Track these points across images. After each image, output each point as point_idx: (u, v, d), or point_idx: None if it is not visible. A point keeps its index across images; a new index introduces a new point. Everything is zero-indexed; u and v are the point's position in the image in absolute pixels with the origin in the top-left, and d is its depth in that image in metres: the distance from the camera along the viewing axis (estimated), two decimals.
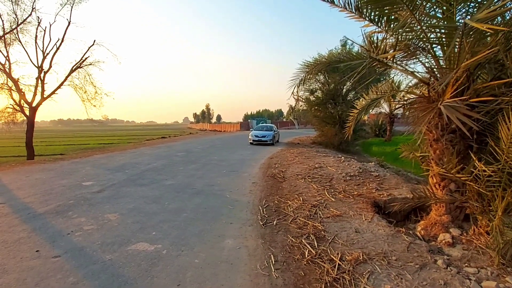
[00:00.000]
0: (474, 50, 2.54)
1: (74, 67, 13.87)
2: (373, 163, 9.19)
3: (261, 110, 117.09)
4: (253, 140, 16.52)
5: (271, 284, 2.47)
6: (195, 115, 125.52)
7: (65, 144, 29.40)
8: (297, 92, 6.47)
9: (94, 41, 14.21)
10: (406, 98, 4.15)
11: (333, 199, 5.08)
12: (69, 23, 13.49)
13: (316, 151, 12.97)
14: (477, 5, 3.12)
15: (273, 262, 2.84)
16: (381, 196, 5.36)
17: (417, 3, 2.69)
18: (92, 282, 2.44)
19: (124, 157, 10.72)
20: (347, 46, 21.92)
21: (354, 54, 4.33)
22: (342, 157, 10.38)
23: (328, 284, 2.46)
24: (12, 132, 14.72)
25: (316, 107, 18.76)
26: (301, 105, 20.60)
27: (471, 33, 2.34)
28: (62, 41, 13.52)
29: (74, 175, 7.09)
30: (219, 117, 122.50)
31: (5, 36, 12.11)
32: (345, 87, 18.37)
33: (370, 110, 5.35)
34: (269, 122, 55.28)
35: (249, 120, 60.56)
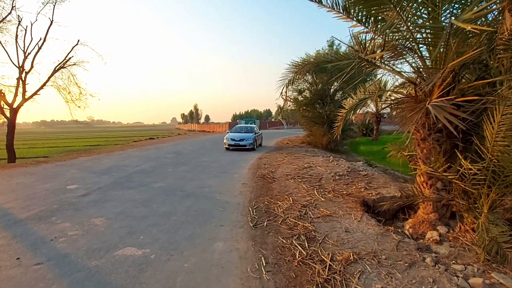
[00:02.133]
0: (459, 50, 2.59)
1: (57, 67, 13.42)
2: (361, 162, 9.32)
3: (249, 110, 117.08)
4: (229, 145, 13.87)
5: (262, 287, 2.44)
6: (183, 116, 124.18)
7: (49, 147, 28.41)
8: (285, 92, 6.46)
9: (78, 41, 13.80)
10: (393, 98, 4.20)
11: (322, 199, 5.10)
12: (51, 22, 13.04)
13: (305, 151, 13.06)
14: (461, 6, 3.20)
15: (264, 265, 2.81)
16: (370, 195, 5.44)
17: (404, 3, 2.72)
18: None
19: (111, 159, 10.45)
20: (334, 46, 22.19)
21: (342, 54, 4.37)
22: (331, 157, 10.48)
23: (320, 286, 2.45)
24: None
25: (305, 107, 18.91)
26: (289, 105, 20.71)
27: (457, 33, 2.38)
28: (44, 40, 13.05)
29: (58, 179, 6.85)
30: (207, 118, 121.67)
31: None
32: (332, 87, 18.60)
33: (358, 110, 5.40)
34: (258, 122, 55.37)
35: (237, 120, 60.41)
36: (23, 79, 12.97)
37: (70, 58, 13.65)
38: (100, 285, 2.43)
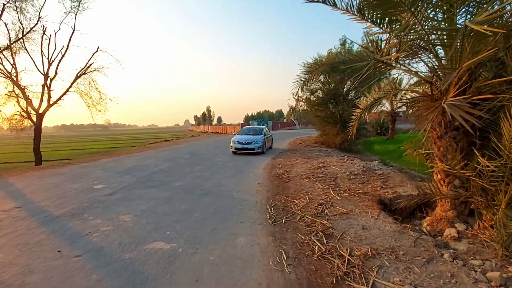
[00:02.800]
0: (475, 50, 2.65)
1: (79, 73, 14.08)
2: (376, 161, 9.28)
3: (261, 111, 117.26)
4: (236, 149, 12.52)
5: (284, 279, 2.59)
6: (195, 118, 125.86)
7: (70, 149, 29.68)
8: (298, 93, 6.52)
9: (98, 48, 14.44)
10: (409, 97, 4.25)
11: (338, 198, 5.18)
12: (73, 30, 13.72)
13: (318, 151, 13.08)
14: (476, 4, 3.23)
15: (285, 258, 2.96)
16: (386, 193, 5.46)
17: (419, 4, 2.80)
18: (115, 280, 2.57)
19: (131, 161, 10.89)
20: (346, 45, 21.96)
21: (355, 54, 4.45)
22: (345, 156, 10.47)
23: (339, 278, 2.57)
24: (18, 138, 14.88)
25: (317, 107, 18.86)
26: (301, 105, 20.70)
27: (471, 34, 2.45)
28: (67, 48, 13.75)
29: (85, 179, 7.25)
30: (219, 119, 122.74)
31: (11, 45, 12.27)
32: (345, 86, 18.47)
33: (373, 109, 5.45)
34: (270, 123, 55.46)
35: (250, 122, 60.76)
36: (48, 85, 13.71)
37: (91, 65, 14.30)
38: (134, 275, 2.65)
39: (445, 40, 2.86)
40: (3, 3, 11.06)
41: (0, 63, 12.71)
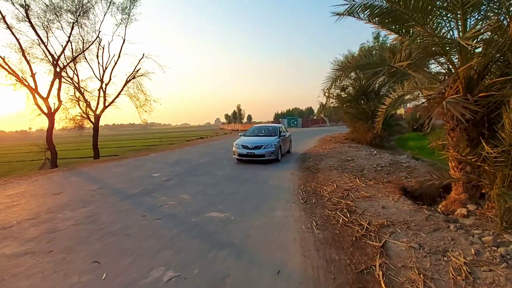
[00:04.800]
0: (469, 57, 3.18)
1: (129, 78, 15.93)
2: (405, 155, 9.55)
3: (291, 109, 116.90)
4: (239, 155, 9.28)
5: (314, 237, 3.39)
6: (226, 116, 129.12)
7: (116, 147, 32.80)
8: (328, 90, 6.92)
9: (143, 55, 16.19)
10: (427, 94, 4.75)
11: (363, 185, 5.80)
12: (123, 40, 15.55)
13: (348, 147, 13.46)
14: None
15: (315, 225, 3.75)
16: (410, 183, 5.95)
17: (427, 21, 3.39)
18: (190, 232, 3.57)
19: (175, 155, 12.28)
20: (380, 38, 21.64)
21: (376, 59, 5.01)
22: (375, 151, 10.82)
23: (358, 238, 3.31)
24: (70, 137, 17.15)
25: (348, 104, 19.02)
26: (332, 102, 20.92)
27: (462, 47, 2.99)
28: (119, 56, 15.66)
29: (143, 169, 8.61)
30: (249, 117, 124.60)
31: (77, 57, 14.31)
32: (377, 82, 18.39)
33: (400, 106, 5.92)
34: (300, 121, 55.53)
35: (279, 119, 61.26)
36: (104, 89, 15.71)
37: (138, 70, 16.07)
38: (202, 231, 3.63)
39: (447, 49, 3.39)
40: (73, 22, 12.98)
41: (65, 72, 14.87)
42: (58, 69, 13.12)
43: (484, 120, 3.83)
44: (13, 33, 11.80)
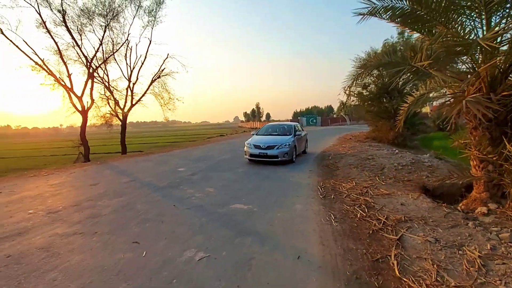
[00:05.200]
0: (492, 56, 3.22)
1: (154, 77, 16.68)
2: (428, 155, 9.39)
3: (310, 107, 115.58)
4: (251, 155, 8.84)
5: (332, 229, 3.59)
6: (245, 114, 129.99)
7: (140, 143, 34.27)
8: (349, 88, 6.88)
9: (168, 55, 16.86)
10: (450, 92, 4.76)
11: (383, 183, 5.87)
12: (150, 42, 16.29)
13: (368, 145, 13.33)
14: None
15: (333, 218, 3.95)
16: (431, 182, 5.94)
17: (449, 20, 3.46)
18: (218, 221, 3.90)
19: (198, 152, 12.79)
20: (405, 34, 20.94)
21: (398, 57, 5.06)
22: (396, 150, 10.69)
23: (375, 231, 3.47)
24: (98, 133, 18.20)
25: (370, 102, 18.69)
26: (353, 100, 20.62)
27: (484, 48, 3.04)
28: (145, 57, 16.41)
29: (168, 164, 9.13)
30: (268, 116, 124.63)
31: (108, 58, 15.21)
32: (401, 79, 17.92)
33: (426, 104, 5.88)
34: (319, 119, 54.90)
35: (298, 118, 60.91)
36: (131, 89, 16.56)
37: (163, 70, 16.79)
38: (229, 220, 3.95)
39: (468, 49, 3.43)
40: (105, 25, 13.83)
41: (97, 72, 15.84)
42: (91, 70, 14.02)
43: (507, 119, 3.83)
44: (52, 37, 12.81)
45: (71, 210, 4.62)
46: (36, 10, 12.22)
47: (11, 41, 11.70)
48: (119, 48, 15.26)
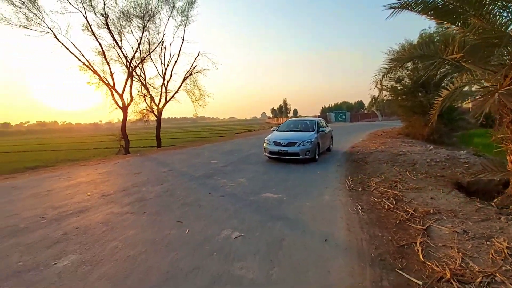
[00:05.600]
0: None
1: (187, 75, 17.50)
2: (465, 151, 8.97)
3: (339, 103, 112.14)
4: (270, 152, 8.34)
5: (360, 218, 3.76)
6: (272, 110, 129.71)
7: (171, 138, 35.95)
8: (381, 82, 6.72)
9: (199, 53, 17.56)
10: (487, 86, 4.62)
11: (413, 178, 5.83)
12: (182, 40, 17.09)
13: (401, 142, 12.93)
14: None
15: (360, 209, 4.10)
16: (465, 178, 5.77)
17: (483, 11, 3.42)
18: (250, 207, 4.25)
19: (228, 146, 13.33)
20: (444, 23, 19.57)
21: (431, 49, 4.98)
22: (431, 147, 10.30)
23: (402, 221, 3.58)
24: (133, 128, 19.38)
25: (403, 96, 17.93)
26: (385, 95, 19.87)
27: None
28: (179, 55, 17.27)
29: (201, 157, 9.70)
30: (295, 111, 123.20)
31: (146, 57, 16.25)
32: (438, 72, 16.94)
33: (467, 98, 5.67)
34: (348, 115, 53.37)
35: (326, 114, 59.63)
36: (165, 86, 17.54)
37: (195, 67, 17.54)
38: (260, 207, 4.27)
39: (503, 41, 3.34)
40: (143, 26, 14.81)
41: (135, 70, 16.97)
42: (130, 69, 15.11)
43: None
44: (97, 39, 14.02)
45: (120, 194, 5.24)
46: (83, 15, 13.44)
47: (62, 44, 13.04)
48: (155, 48, 16.24)
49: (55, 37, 12.78)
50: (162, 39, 16.22)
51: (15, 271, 2.63)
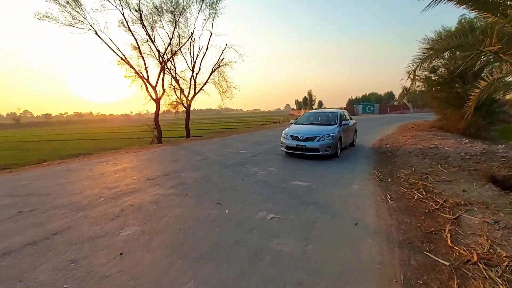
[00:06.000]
0: None
1: (215, 67, 17.98)
2: (503, 145, 8.56)
3: (367, 94, 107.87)
4: (287, 147, 7.86)
5: (388, 206, 3.93)
6: (296, 102, 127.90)
7: (197, 129, 37.10)
8: (414, 72, 6.48)
9: (226, 45, 17.90)
10: None
11: (445, 171, 5.78)
12: (211, 34, 17.50)
13: (433, 135, 12.50)
14: None
15: (389, 198, 4.26)
16: (501, 172, 5.63)
17: None
18: (282, 193, 4.57)
19: (255, 137, 13.72)
20: None
21: (470, 39, 4.88)
22: (466, 140, 9.92)
23: (431, 210, 3.71)
24: (162, 120, 20.18)
25: (438, 87, 17.06)
26: (418, 86, 19.00)
27: None
28: (207, 48, 17.74)
29: (230, 147, 10.16)
30: (320, 103, 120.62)
31: (177, 51, 16.92)
32: (478, 62, 15.87)
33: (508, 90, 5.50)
34: (377, 107, 51.42)
35: (353, 105, 57.83)
36: (194, 78, 18.18)
37: (222, 59, 17.96)
38: (291, 193, 4.58)
39: None
40: (175, 21, 15.42)
41: (166, 65, 17.73)
42: (162, 63, 15.86)
43: None
44: (133, 34, 14.82)
45: (163, 178, 5.79)
46: (120, 12, 14.26)
47: (102, 40, 13.99)
48: (186, 42, 16.82)
49: (96, 33, 13.75)
50: (192, 33, 16.73)
51: (89, 237, 3.18)
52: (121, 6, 14.06)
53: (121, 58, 14.65)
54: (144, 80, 15.43)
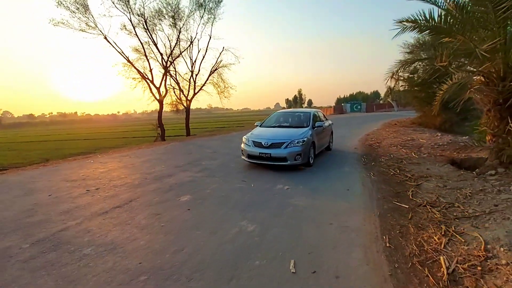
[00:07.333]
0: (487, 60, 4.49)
1: (213, 68, 19.11)
2: (467, 137, 10.17)
3: (354, 93, 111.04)
4: (249, 156, 6.68)
5: (370, 179, 5.29)
6: (287, 101, 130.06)
7: (192, 128, 38.02)
8: (397, 73, 7.78)
9: (223, 48, 19.05)
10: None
11: (417, 157, 7.23)
12: (210, 37, 18.61)
13: (413, 130, 14.11)
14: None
15: (372, 174, 5.62)
16: (460, 156, 7.12)
17: (464, 31, 4.77)
18: (290, 174, 5.85)
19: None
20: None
21: (427, 56, 6.30)
22: (439, 134, 11.50)
23: (401, 181, 5.08)
24: (176, 118, 21.20)
25: (418, 88, 18.79)
26: (401, 85, 20.69)
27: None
28: (206, 51, 18.84)
29: (234, 142, 11.37)
30: (310, 102, 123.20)
31: (180, 54, 17.93)
32: (453, 64, 17.63)
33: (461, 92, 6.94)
34: (364, 105, 53.64)
35: (342, 104, 60.01)
36: (194, 79, 19.24)
37: (220, 61, 19.10)
38: (297, 173, 5.86)
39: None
40: (179, 27, 16.47)
41: (168, 67, 18.71)
42: (166, 65, 16.86)
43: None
44: (138, 38, 15.79)
45: (189, 166, 6.97)
46: (127, 18, 15.20)
47: (111, 44, 14.89)
48: (188, 46, 17.87)
49: (105, 38, 14.65)
50: (192, 36, 17.80)
51: (158, 201, 4.36)
52: (129, 12, 14.98)
53: (127, 61, 15.57)
54: (149, 81, 16.40)
